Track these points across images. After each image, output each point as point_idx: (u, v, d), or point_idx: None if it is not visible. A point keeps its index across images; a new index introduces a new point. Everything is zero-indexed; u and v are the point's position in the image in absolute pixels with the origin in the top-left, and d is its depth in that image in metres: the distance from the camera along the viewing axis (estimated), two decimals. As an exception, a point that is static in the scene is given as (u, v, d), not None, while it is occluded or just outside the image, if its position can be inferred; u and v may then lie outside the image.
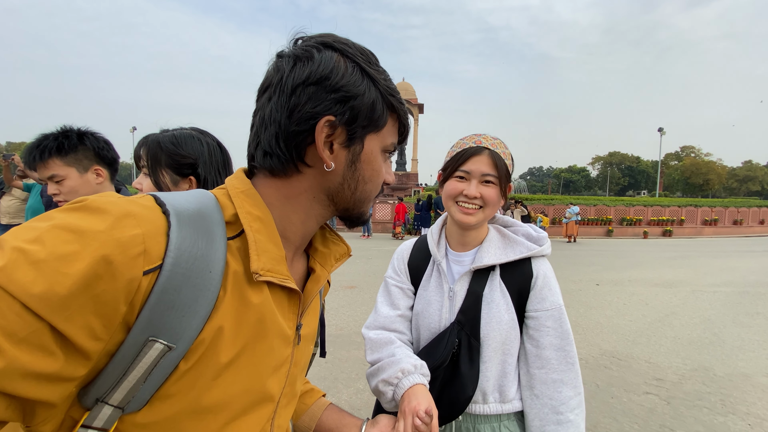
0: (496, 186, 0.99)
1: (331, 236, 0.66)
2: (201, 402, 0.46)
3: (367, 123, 0.54)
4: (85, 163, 1.31)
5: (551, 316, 0.98)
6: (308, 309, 0.62)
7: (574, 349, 0.97)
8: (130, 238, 0.39)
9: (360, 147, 0.55)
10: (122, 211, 0.40)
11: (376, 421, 0.77)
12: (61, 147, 1.26)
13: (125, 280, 0.39)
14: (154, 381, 0.43)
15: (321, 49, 0.52)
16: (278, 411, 0.58)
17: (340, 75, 0.51)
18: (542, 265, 1.02)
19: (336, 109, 0.51)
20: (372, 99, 0.53)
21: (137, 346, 0.41)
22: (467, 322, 0.99)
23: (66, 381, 0.38)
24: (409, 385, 0.83)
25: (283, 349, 0.55)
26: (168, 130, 1.08)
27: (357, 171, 0.56)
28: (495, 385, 1.00)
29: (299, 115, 0.50)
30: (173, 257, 0.42)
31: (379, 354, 0.97)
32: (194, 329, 0.44)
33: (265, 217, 0.52)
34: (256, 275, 0.48)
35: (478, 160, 0.98)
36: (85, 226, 0.38)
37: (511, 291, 1.00)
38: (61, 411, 0.41)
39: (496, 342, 0.98)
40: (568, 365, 0.96)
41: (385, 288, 1.12)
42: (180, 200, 0.47)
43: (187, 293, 0.43)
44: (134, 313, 0.41)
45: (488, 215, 1.01)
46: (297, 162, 0.53)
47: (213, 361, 0.46)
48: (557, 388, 0.95)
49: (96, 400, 0.42)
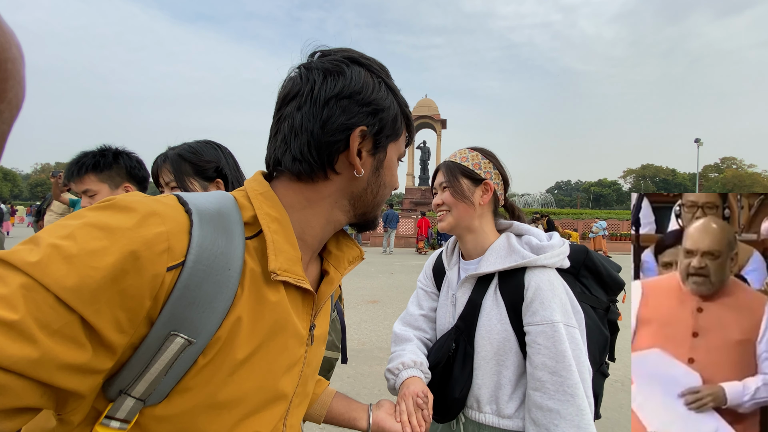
0: (449, 188, 1.07)
1: (345, 239, 0.68)
2: (217, 397, 0.47)
3: (391, 132, 0.59)
4: (117, 180, 1.39)
5: (542, 332, 0.91)
6: (321, 310, 0.64)
7: (574, 378, 0.87)
8: (156, 236, 0.41)
9: (383, 154, 0.60)
10: (148, 209, 0.43)
11: (380, 404, 0.85)
12: (97, 164, 1.35)
13: (150, 275, 0.41)
14: (175, 374, 0.45)
15: (349, 64, 0.56)
16: (291, 410, 0.59)
17: (370, 90, 0.56)
18: (537, 275, 0.96)
19: (367, 120, 0.56)
20: (395, 111, 0.59)
21: (160, 340, 0.43)
22: (465, 328, 1.03)
23: (94, 373, 0.40)
24: (407, 376, 0.96)
25: (297, 349, 0.57)
26: (175, 147, 1.13)
27: (380, 177, 0.61)
28: (490, 396, 0.99)
29: (333, 126, 0.54)
30: (195, 254, 0.44)
31: (396, 347, 1.11)
32: (213, 325, 0.45)
33: (282, 218, 0.54)
34: (273, 274, 0.50)
35: (438, 175, 1.11)
36: (113, 223, 0.40)
37: (506, 301, 0.99)
38: (89, 402, 0.43)
39: (487, 351, 0.99)
40: (565, 395, 0.86)
41: (417, 289, 1.26)
42: (201, 200, 0.49)
43: (207, 289, 0.44)
44: (158, 307, 0.42)
45: (458, 216, 1.06)
46: (327, 169, 0.56)
47: (229, 357, 0.47)
48: (553, 419, 0.87)
49: (119, 392, 0.44)
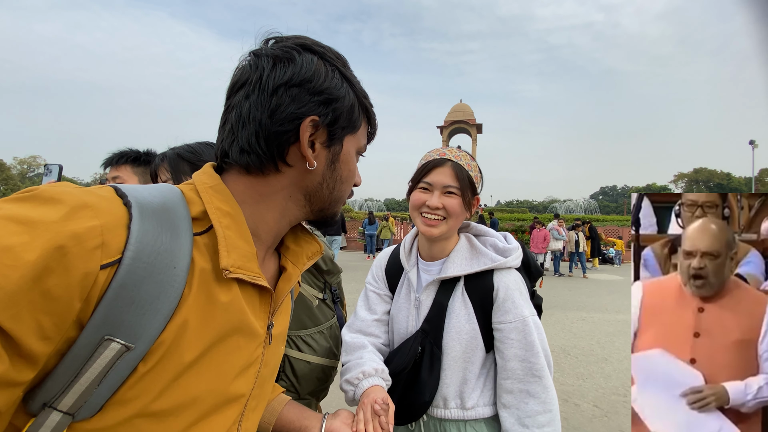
0: (458, 197, 1.00)
1: (303, 234, 0.65)
2: (161, 404, 0.43)
3: (347, 124, 0.56)
4: (148, 179, 1.39)
5: (515, 328, 0.98)
6: (280, 308, 0.61)
7: (541, 362, 0.96)
8: (87, 230, 0.37)
9: (339, 147, 0.57)
10: (78, 201, 0.38)
11: (337, 414, 0.80)
12: (138, 158, 1.41)
13: (80, 274, 0.36)
14: (110, 384, 0.40)
15: (301, 51, 0.53)
16: (246, 413, 0.56)
17: (322, 78, 0.53)
18: (505, 277, 1.02)
19: (319, 110, 0.53)
20: (351, 102, 0.56)
21: (91, 346, 0.38)
22: (431, 331, 1.03)
23: (11, 386, 0.35)
24: (368, 386, 0.90)
25: (253, 349, 0.54)
26: (176, 147, 1.12)
27: (336, 171, 0.58)
28: (456, 392, 1.03)
29: (282, 115, 0.51)
30: (134, 250, 0.40)
31: (350, 356, 1.03)
32: (155, 328, 0.41)
33: (235, 213, 0.51)
34: (225, 272, 0.47)
35: (441, 172, 1.01)
36: (35, 216, 0.35)
37: (474, 302, 1.02)
38: (5, 419, 0.38)
39: (456, 351, 1.01)
40: (534, 377, 0.96)
41: (365, 293, 1.19)
42: (143, 193, 0.45)
43: (148, 289, 0.41)
44: (89, 309, 0.38)
45: (452, 226, 1.02)
46: (277, 161, 0.53)
47: (175, 362, 0.44)
48: (522, 398, 0.96)
49: (43, 405, 0.38)
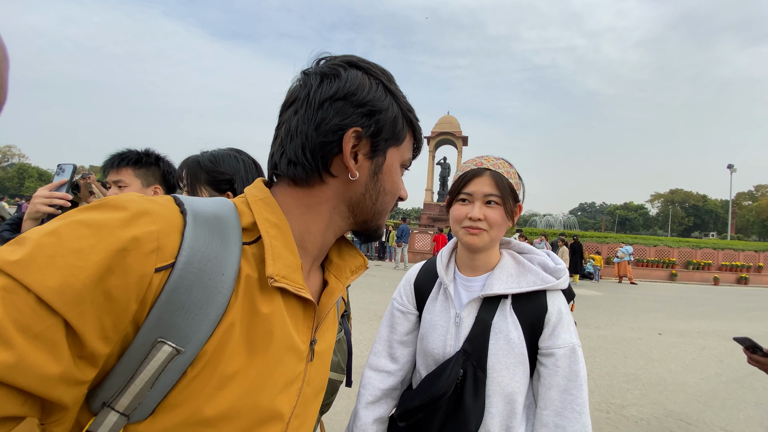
0: (500, 206, 0.94)
1: (347, 248, 0.65)
2: (204, 413, 0.44)
3: (390, 136, 0.57)
4: (150, 180, 1.42)
5: (563, 355, 0.90)
6: (324, 325, 0.60)
7: (583, 396, 0.88)
8: (145, 234, 0.39)
9: (382, 159, 0.57)
10: (140, 208, 0.41)
11: None
12: (139, 160, 1.39)
13: (137, 275, 0.38)
14: (162, 387, 0.42)
15: (347, 67, 0.55)
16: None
17: (365, 91, 0.54)
18: (558, 299, 0.95)
19: (362, 122, 0.53)
20: (394, 114, 0.56)
21: (146, 347, 0.40)
22: (474, 351, 0.93)
23: (77, 383, 0.38)
24: None
25: (294, 365, 0.53)
26: (207, 152, 1.14)
27: (378, 182, 0.58)
28: (502, 425, 0.91)
29: (327, 127, 0.52)
30: (186, 256, 0.42)
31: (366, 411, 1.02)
32: (204, 333, 0.43)
33: (282, 224, 0.52)
34: (270, 280, 0.47)
35: (480, 182, 0.96)
36: (102, 220, 0.39)
37: (523, 323, 0.93)
38: (73, 414, 0.41)
39: (503, 376, 0.91)
40: (573, 413, 0.87)
41: (390, 310, 1.12)
42: (198, 203, 0.48)
43: (198, 294, 0.42)
44: (144, 311, 0.40)
45: (495, 237, 0.96)
46: (322, 171, 0.54)
47: (220, 369, 0.44)
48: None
49: (102, 404, 0.41)
